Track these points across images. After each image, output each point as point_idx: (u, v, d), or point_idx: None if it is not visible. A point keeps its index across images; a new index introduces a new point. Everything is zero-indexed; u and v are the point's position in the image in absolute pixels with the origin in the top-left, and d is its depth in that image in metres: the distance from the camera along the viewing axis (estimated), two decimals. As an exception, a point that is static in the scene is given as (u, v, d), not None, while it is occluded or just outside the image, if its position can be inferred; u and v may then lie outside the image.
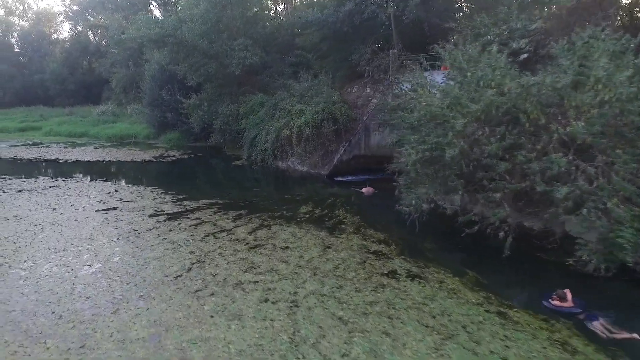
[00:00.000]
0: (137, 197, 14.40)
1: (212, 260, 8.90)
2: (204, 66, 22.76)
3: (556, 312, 6.93)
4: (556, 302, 7.07)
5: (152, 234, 10.56)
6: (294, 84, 21.06)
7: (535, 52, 10.63)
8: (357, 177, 17.78)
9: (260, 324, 6.45)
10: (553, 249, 8.59)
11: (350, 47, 19.94)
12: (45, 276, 8.25)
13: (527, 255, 8.81)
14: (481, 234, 8.73)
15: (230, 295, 7.37)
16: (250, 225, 11.19)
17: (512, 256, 8.53)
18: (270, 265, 8.60)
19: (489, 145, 8.55)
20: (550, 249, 8.63)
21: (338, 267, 8.47)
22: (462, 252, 9.30)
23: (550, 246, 8.68)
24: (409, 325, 6.36)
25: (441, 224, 10.31)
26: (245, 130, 22.60)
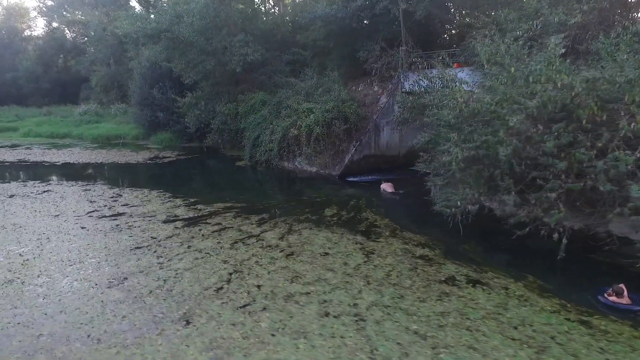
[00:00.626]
0: (144, 201, 13.43)
1: (251, 270, 8.17)
2: (202, 63, 21.78)
3: (612, 308, 6.72)
4: (613, 297, 6.88)
5: (174, 242, 9.72)
6: (298, 81, 20.38)
7: (573, 47, 10.39)
8: (369, 177, 17.34)
9: (330, 342, 5.81)
10: (610, 250, 8.29)
11: (357, 43, 19.41)
12: (67, 293, 7.35)
13: (580, 257, 8.48)
14: (529, 235, 8.37)
15: (285, 310, 6.68)
16: (278, 230, 10.48)
17: (565, 258, 8.22)
18: (316, 274, 7.96)
19: (544, 143, 8.17)
20: (607, 250, 8.32)
21: (390, 275, 7.90)
22: (512, 254, 8.90)
23: (607, 247, 8.38)
24: (493, 339, 5.85)
25: (481, 225, 9.88)
26: (245, 130, 21.79)
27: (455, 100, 10.47)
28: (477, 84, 12.43)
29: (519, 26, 11.93)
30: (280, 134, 18.64)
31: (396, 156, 19.56)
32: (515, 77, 9.08)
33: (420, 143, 11.24)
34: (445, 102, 10.80)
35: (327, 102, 17.63)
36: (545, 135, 8.24)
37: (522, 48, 9.67)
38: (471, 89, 12.39)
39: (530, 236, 8.66)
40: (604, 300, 6.92)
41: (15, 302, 7.08)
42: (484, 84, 9.99)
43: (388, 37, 19.02)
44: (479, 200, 9.27)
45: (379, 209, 12.43)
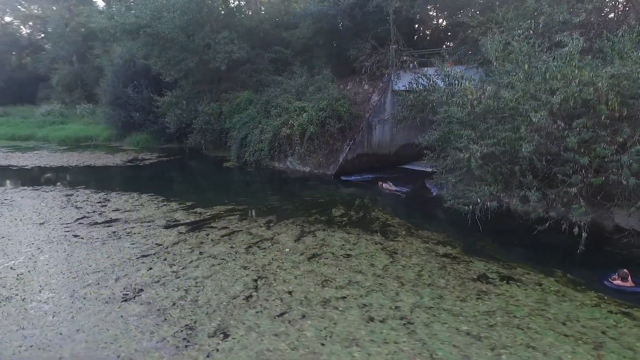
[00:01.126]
0: (136, 205, 12.60)
1: (276, 276, 7.75)
2: (184, 61, 20.85)
3: (618, 292, 6.99)
4: (618, 281, 7.18)
5: (183, 248, 9.11)
6: (286, 80, 19.93)
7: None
8: (363, 176, 17.19)
9: (385, 348, 5.53)
10: (629, 242, 8.53)
11: (346, 42, 19.23)
12: (78, 309, 6.66)
13: (596, 249, 8.62)
14: (542, 230, 8.51)
15: (325, 316, 6.34)
16: (291, 232, 10.09)
17: (584, 251, 8.35)
18: (346, 277, 7.65)
19: (565, 138, 8.27)
20: (625, 243, 8.56)
21: (421, 275, 7.72)
22: (532, 250, 8.91)
23: (625, 240, 8.61)
24: (546, 336, 5.78)
25: (493, 221, 9.87)
26: (231, 130, 21.11)
27: (465, 97, 10.49)
28: (477, 82, 12.55)
29: (518, 25, 12.08)
30: (270, 134, 18.14)
31: (387, 155, 19.57)
32: (530, 74, 9.15)
33: (429, 140, 11.14)
34: (455, 99, 10.78)
35: (320, 100, 17.30)
36: (565, 131, 8.34)
37: (532, 46, 9.77)
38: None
39: (544, 231, 8.81)
40: (610, 285, 7.23)
41: (21, 322, 6.33)
42: (496, 82, 9.99)
43: (378, 36, 18.96)
44: (497, 196, 9.28)
45: (386, 207, 12.26)
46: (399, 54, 17.92)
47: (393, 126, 19.03)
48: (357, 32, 19.22)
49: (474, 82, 11.08)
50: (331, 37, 19.41)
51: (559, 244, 8.97)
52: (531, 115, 8.27)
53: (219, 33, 20.75)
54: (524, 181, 8.78)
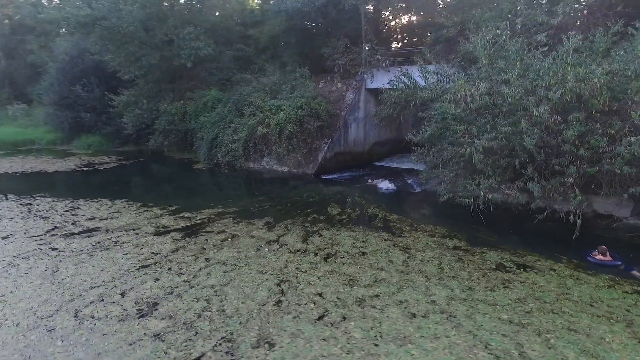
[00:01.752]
0: (112, 213, 11.56)
1: (298, 278, 7.44)
2: (145, 57, 19.52)
3: (600, 266, 7.84)
4: (599, 257, 7.99)
5: (185, 256, 8.47)
6: (255, 78, 19.39)
7: (555, 47, 11.35)
8: (342, 174, 17.21)
9: (439, 343, 5.48)
10: (609, 226, 9.25)
11: (319, 40, 19.11)
12: (89, 329, 5.91)
13: (589, 235, 9.23)
14: (530, 219, 9.05)
15: (367, 316, 6.17)
16: (295, 233, 9.76)
17: (580, 237, 8.91)
18: (370, 275, 7.52)
19: (563, 131, 8.77)
20: (605, 227, 9.29)
21: (442, 268, 7.80)
22: (531, 238, 9.32)
23: (614, 225, 9.31)
24: (581, 318, 6.06)
25: (493, 212, 10.24)
26: (197, 131, 20.18)
27: (457, 94, 10.79)
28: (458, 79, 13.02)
29: (495, 25, 12.67)
30: (245, 133, 17.55)
31: (362, 152, 19.75)
32: (524, 72, 9.59)
33: (423, 137, 11.32)
34: (448, 96, 11.06)
35: (297, 98, 17.01)
36: (562, 124, 8.84)
37: (522, 45, 10.28)
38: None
39: (535, 220, 9.34)
40: (592, 260, 8.06)
41: (24, 350, 5.50)
42: (489, 78, 10.37)
43: (350, 35, 19.04)
44: (498, 188, 9.63)
45: (380, 204, 12.29)
46: (372, 52, 18.11)
47: (367, 124, 19.28)
48: (329, 30, 19.16)
49: (455, 79, 11.42)
50: (303, 34, 19.14)
51: (554, 231, 9.53)
52: (533, 110, 8.67)
53: (183, 28, 19.68)
54: (525, 173, 9.18)
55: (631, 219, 10.15)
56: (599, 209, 10.74)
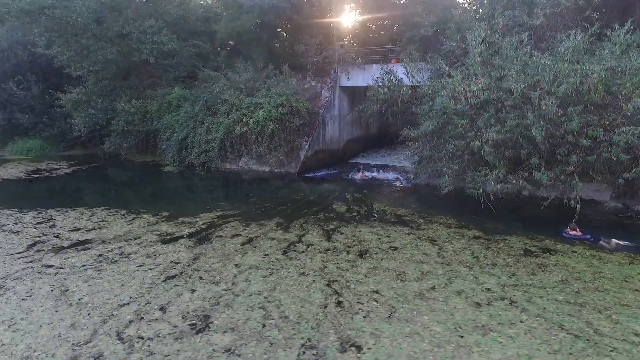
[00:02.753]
0: (97, 222, 10.37)
1: (345, 277, 7.20)
2: (100, 51, 17.77)
3: (573, 239, 8.92)
4: (574, 232, 9.08)
5: (211, 264, 7.83)
6: (230, 74, 18.54)
7: (536, 45, 12.21)
8: (324, 172, 17.11)
9: (519, 329, 5.59)
10: (621, 211, 10.18)
11: (291, 37, 18.76)
12: (149, 353, 5.21)
13: (583, 219, 10.04)
14: (522, 205, 9.85)
15: (436, 309, 6.13)
16: (315, 232, 9.47)
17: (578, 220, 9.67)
18: (414, 269, 7.50)
19: (564, 123, 9.45)
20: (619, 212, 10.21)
21: (477, 257, 8.02)
22: (541, 223, 9.95)
23: (607, 207, 10.23)
24: (623, 294, 6.55)
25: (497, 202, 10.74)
26: (162, 131, 18.84)
27: (454, 90, 11.19)
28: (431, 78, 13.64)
29: (476, 25, 13.32)
30: (221, 133, 16.72)
31: (337, 150, 19.77)
32: (524, 68, 10.18)
33: (425, 131, 11.55)
34: (445, 92, 11.41)
35: (277, 96, 16.55)
36: (563, 116, 9.52)
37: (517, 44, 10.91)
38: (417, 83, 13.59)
39: (523, 206, 10.06)
40: (567, 235, 9.17)
41: (78, 383, 4.68)
42: (489, 75, 10.85)
43: (324, 32, 18.94)
44: (505, 179, 10.12)
45: (382, 200, 12.41)
46: (346, 50, 18.19)
47: (341, 122, 19.36)
48: (303, 27, 18.88)
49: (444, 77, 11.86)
50: (275, 31, 18.66)
51: (552, 216, 10.23)
52: (540, 103, 9.23)
53: (143, 21, 18.23)
54: (531, 163, 9.74)
55: (611, 202, 11.25)
56: (581, 195, 11.74)
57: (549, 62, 9.70)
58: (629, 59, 9.49)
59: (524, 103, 9.83)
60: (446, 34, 14.50)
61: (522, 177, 10.04)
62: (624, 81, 9.28)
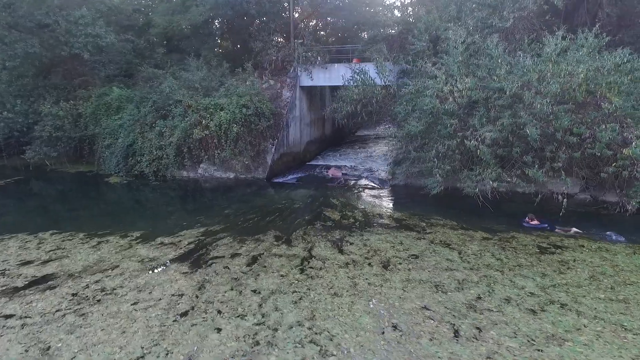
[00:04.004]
0: (53, 252, 8.51)
1: (383, 295, 6.57)
2: (20, 43, 14.95)
3: (531, 228, 9.48)
4: (534, 222, 9.67)
5: (224, 293, 6.70)
6: (183, 72, 16.81)
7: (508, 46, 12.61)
8: (292, 176, 16.28)
9: (588, 334, 5.44)
10: (590, 203, 10.81)
11: (245, 33, 17.56)
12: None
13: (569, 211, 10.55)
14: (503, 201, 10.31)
15: (497, 322, 5.76)
16: (322, 245, 8.69)
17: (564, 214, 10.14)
18: (447, 278, 7.12)
19: (552, 121, 9.80)
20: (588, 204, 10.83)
21: (501, 260, 7.87)
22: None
23: (587, 200, 10.85)
24: (649, 284, 6.81)
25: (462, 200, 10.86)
26: (101, 137, 16.50)
27: (439, 90, 11.14)
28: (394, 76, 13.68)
29: (443, 25, 13.47)
30: (177, 137, 15.00)
31: (299, 152, 19.03)
32: (512, 68, 10.38)
33: (414, 131, 11.31)
34: (430, 92, 11.31)
35: (240, 96, 15.30)
36: (551, 115, 9.86)
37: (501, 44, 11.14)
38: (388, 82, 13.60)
39: (504, 203, 10.43)
40: (526, 225, 9.70)
41: None
42: (474, 74, 10.93)
43: (280, 29, 18.01)
44: (500, 177, 10.24)
45: (369, 203, 11.98)
46: (307, 48, 17.48)
47: (302, 123, 18.66)
48: (258, 23, 17.75)
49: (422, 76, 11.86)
50: (229, 26, 17.31)
51: (534, 210, 10.54)
52: (535, 103, 9.43)
53: (72, 9, 15.72)
54: (526, 160, 9.96)
55: (580, 194, 12.01)
56: (553, 188, 12.41)
57: (540, 63, 9.96)
58: (602, 60, 10.10)
59: (516, 102, 10.00)
60: (414, 34, 14.48)
61: (514, 174, 10.22)
62: (600, 81, 9.84)
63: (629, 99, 9.73)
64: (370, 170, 16.85)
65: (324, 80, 17.88)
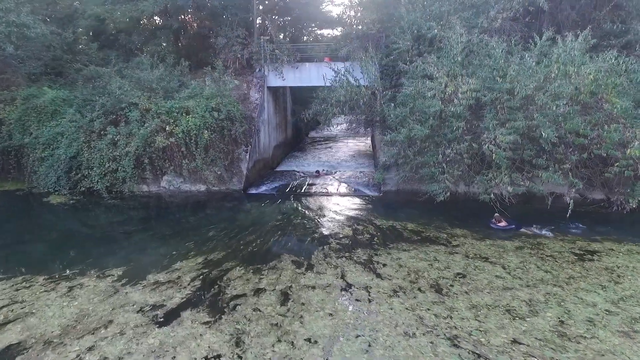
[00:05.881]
0: (9, 306, 6.39)
1: (458, 329, 5.68)
2: None
3: (499, 230, 9.59)
4: (502, 223, 9.78)
5: (270, 347, 5.34)
6: (137, 71, 14.49)
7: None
8: (269, 186, 14.81)
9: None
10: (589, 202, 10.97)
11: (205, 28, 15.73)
12: None
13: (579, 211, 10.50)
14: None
15: (601, 351, 5.16)
16: (353, 268, 7.59)
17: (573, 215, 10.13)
18: (512, 300, 6.44)
19: (563, 122, 9.69)
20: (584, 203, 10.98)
21: (551, 272, 7.41)
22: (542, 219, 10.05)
23: (588, 200, 10.98)
24: (701, 288, 6.74)
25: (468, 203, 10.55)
26: (33, 148, 13.64)
27: (441, 92, 10.63)
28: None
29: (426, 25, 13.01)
30: (135, 146, 12.80)
31: (268, 158, 17.61)
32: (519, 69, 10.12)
33: (421, 135, 10.59)
34: (431, 93, 10.74)
35: (209, 98, 13.52)
36: (560, 117, 9.73)
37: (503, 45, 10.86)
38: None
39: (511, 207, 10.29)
40: (494, 226, 9.75)
41: None
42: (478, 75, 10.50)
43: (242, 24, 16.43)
44: (514, 181, 9.92)
45: (371, 213, 11.15)
46: (279, 45, 16.11)
47: (269, 127, 17.30)
48: (220, 17, 16.00)
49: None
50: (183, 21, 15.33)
51: (539, 211, 10.48)
52: (552, 104, 9.20)
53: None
54: (539, 163, 9.73)
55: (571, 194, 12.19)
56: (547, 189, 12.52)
57: (548, 64, 9.78)
58: (596, 61, 10.23)
59: (527, 104, 9.74)
60: (395, 33, 13.88)
61: (526, 177, 9.97)
62: (602, 82, 9.92)
63: (628, 99, 9.92)
64: (354, 176, 15.97)
65: (294, 80, 16.65)
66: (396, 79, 14.17)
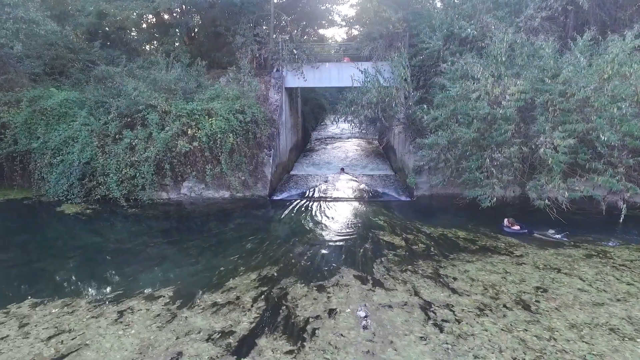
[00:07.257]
0: (60, 337, 5.63)
1: (572, 354, 5.19)
2: None
3: (511, 234, 9.44)
4: (515, 227, 9.57)
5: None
6: (153, 72, 13.69)
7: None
8: (290, 192, 14.14)
9: None
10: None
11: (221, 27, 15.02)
12: None
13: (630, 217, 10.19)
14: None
15: None
16: (423, 283, 7.06)
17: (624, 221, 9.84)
18: (611, 317, 6.00)
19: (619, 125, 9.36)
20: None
21: (631, 283, 7.02)
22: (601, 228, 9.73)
23: (637, 205, 10.69)
24: None
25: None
26: (42, 153, 12.68)
27: (486, 94, 10.23)
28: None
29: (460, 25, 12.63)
30: (155, 152, 12.01)
31: (286, 161, 16.98)
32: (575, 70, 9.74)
33: (467, 138, 10.13)
34: (475, 95, 10.32)
35: (232, 100, 12.83)
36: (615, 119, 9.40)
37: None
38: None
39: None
40: (507, 229, 9.56)
41: None
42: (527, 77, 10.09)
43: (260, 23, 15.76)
44: (570, 186, 9.53)
45: (416, 219, 10.59)
46: (297, 45, 15.49)
47: (286, 129, 16.68)
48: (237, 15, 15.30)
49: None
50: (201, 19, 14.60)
51: (595, 217, 10.19)
52: (616, 106, 8.84)
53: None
54: (596, 167, 9.37)
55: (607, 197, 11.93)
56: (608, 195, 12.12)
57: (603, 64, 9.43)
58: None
59: (583, 106, 9.37)
60: (424, 32, 13.45)
61: (580, 182, 9.61)
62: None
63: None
64: (377, 180, 15.45)
65: (314, 80, 16.07)
66: (424, 80, 13.77)
